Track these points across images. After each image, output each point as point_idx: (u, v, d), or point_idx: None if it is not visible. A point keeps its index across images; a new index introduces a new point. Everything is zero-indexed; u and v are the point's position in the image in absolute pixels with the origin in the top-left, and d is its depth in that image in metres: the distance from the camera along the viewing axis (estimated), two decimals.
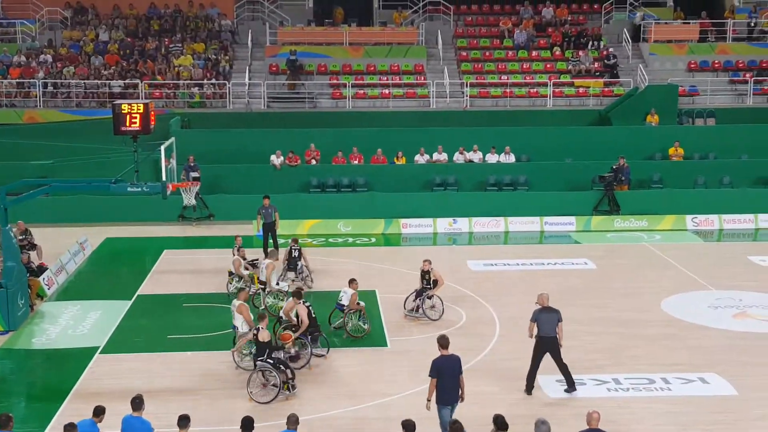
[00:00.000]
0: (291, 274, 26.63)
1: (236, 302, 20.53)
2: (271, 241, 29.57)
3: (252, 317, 20.23)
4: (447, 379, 15.67)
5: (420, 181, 37.11)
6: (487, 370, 20.06)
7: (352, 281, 22.54)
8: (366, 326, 22.43)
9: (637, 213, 35.21)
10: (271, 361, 18.43)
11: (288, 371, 18.51)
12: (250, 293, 24.17)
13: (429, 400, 15.79)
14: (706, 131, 40.56)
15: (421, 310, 23.52)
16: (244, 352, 20.01)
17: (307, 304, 20.73)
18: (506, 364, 20.37)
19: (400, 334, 22.43)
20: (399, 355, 21.07)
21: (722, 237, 34.10)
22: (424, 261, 23.84)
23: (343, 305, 22.35)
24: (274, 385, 18.40)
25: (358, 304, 22.36)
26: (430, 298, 23.58)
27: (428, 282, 23.58)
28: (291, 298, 21.09)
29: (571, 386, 18.57)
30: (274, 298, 24.07)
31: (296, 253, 26.86)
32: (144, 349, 21.57)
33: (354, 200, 35.92)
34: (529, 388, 18.68)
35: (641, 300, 25.30)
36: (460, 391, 15.90)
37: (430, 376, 15.73)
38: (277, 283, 24.65)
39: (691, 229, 34.57)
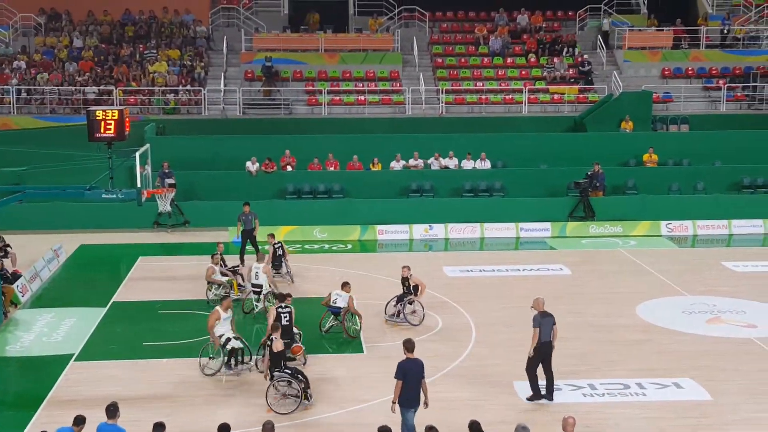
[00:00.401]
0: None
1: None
2: (249, 247, 29.54)
3: (215, 324, 20.10)
4: (411, 382, 15.82)
5: (396, 188, 37.15)
6: (463, 375, 20.09)
7: (345, 284, 22.59)
8: (357, 327, 22.61)
9: (612, 219, 35.40)
10: (289, 371, 18.31)
11: (304, 381, 18.40)
12: (233, 298, 24.08)
13: (394, 403, 15.87)
14: (680, 137, 40.85)
15: (402, 316, 23.56)
16: (210, 355, 20.09)
17: (288, 310, 20.53)
18: (482, 369, 20.41)
19: (376, 341, 22.40)
20: (375, 361, 21.04)
21: (696, 243, 34.34)
22: (403, 267, 23.88)
23: (340, 308, 22.45)
24: (291, 395, 18.20)
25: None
26: (411, 303, 23.64)
27: (408, 288, 23.63)
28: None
29: (549, 394, 18.59)
30: (268, 302, 24.08)
31: (280, 251, 27.03)
32: (119, 356, 21.44)
33: (330, 207, 35.89)
34: (538, 394, 18.59)
35: (616, 305, 25.41)
36: (423, 396, 15.96)
37: (396, 378, 15.83)
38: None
39: (665, 235, 34.77)
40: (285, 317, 20.34)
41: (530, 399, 18.57)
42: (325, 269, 29.36)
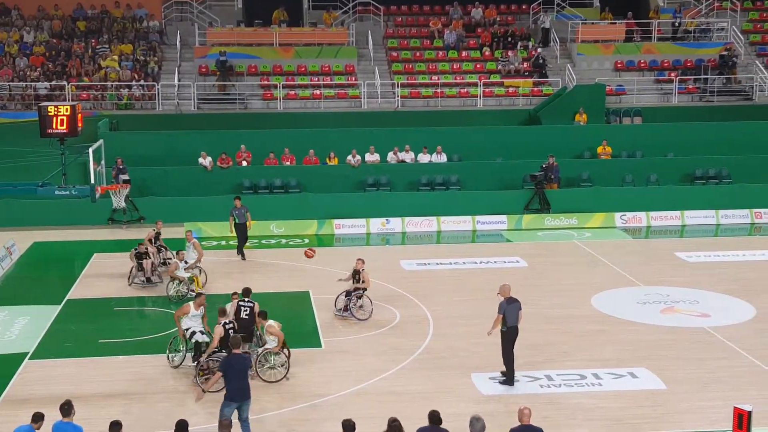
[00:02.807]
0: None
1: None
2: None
3: (182, 316, 20.00)
4: (234, 378, 15.98)
5: (352, 182, 37.14)
6: (420, 368, 20.14)
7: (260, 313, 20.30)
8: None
9: (566, 211, 35.63)
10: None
11: None
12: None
13: (204, 391, 16.42)
14: (634, 130, 41.21)
15: (349, 311, 23.51)
16: (180, 349, 20.03)
17: (249, 305, 20.16)
18: (439, 362, 20.48)
19: (333, 335, 22.41)
20: (333, 355, 21.04)
21: (650, 234, 34.68)
22: (358, 260, 23.83)
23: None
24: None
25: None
26: (359, 298, 23.59)
27: (359, 281, 23.59)
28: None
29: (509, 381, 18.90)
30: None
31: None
32: (75, 354, 21.24)
33: (286, 201, 35.81)
34: (512, 378, 18.95)
35: (572, 296, 25.62)
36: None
37: (218, 369, 16.20)
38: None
39: (619, 227, 35.09)
40: (245, 311, 20.14)
41: (505, 382, 18.94)
42: (282, 264, 29.32)
